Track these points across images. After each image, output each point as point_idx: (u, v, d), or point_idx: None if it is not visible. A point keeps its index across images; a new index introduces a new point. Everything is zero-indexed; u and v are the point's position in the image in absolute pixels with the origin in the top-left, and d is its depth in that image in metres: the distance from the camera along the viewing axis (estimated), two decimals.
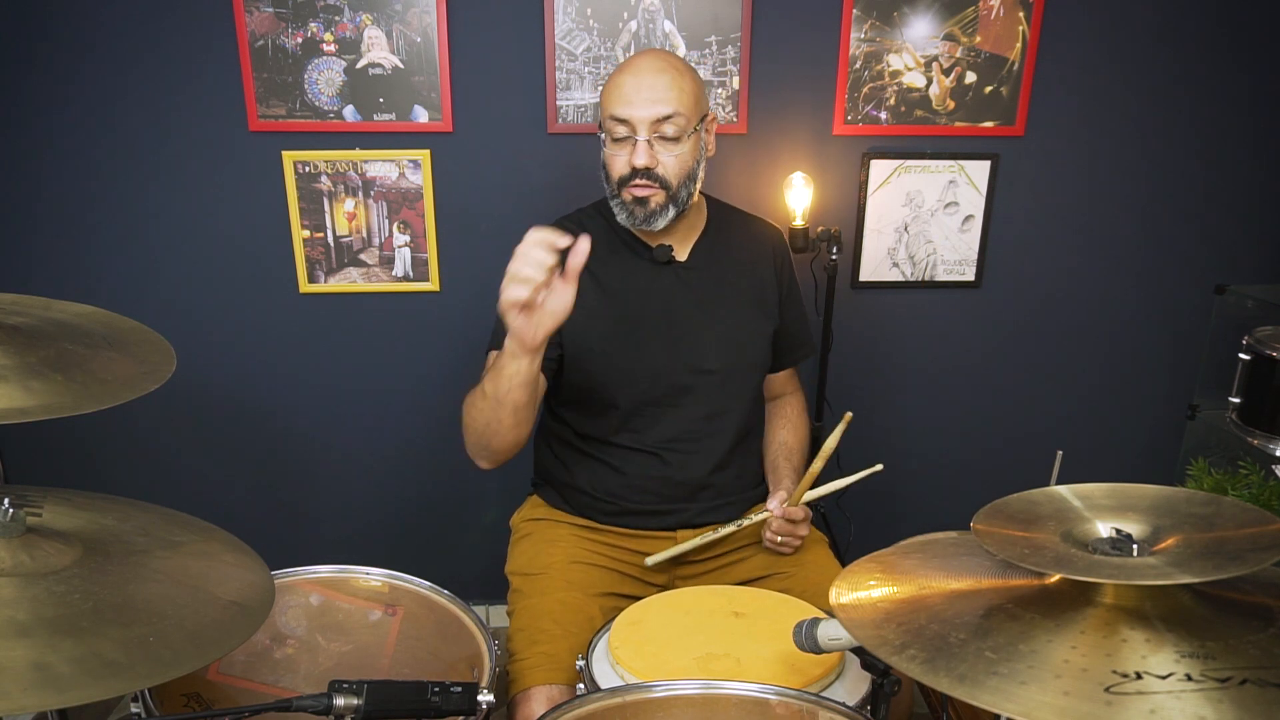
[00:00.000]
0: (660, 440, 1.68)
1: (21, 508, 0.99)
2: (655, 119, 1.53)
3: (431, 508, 2.48)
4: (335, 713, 1.03)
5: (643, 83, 1.54)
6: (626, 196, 1.59)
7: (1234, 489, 1.98)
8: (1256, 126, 2.34)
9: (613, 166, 1.59)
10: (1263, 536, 0.88)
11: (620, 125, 1.55)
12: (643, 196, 1.57)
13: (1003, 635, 0.86)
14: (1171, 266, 2.43)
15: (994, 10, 2.18)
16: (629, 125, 1.55)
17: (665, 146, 1.55)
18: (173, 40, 2.07)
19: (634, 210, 1.59)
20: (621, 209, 1.61)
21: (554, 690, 1.45)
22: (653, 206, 1.58)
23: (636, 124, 1.54)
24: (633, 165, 1.55)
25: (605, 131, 1.59)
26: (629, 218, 1.61)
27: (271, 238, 2.22)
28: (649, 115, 1.53)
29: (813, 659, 1.25)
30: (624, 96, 1.54)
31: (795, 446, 1.81)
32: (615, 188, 1.60)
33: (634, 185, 1.57)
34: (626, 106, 1.54)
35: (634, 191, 1.57)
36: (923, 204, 2.31)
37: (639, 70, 1.55)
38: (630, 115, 1.54)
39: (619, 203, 1.61)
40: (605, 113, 1.57)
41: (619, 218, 1.62)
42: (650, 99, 1.53)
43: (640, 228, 1.62)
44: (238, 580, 1.06)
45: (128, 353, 1.13)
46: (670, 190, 1.58)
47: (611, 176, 1.60)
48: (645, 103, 1.53)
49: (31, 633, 0.83)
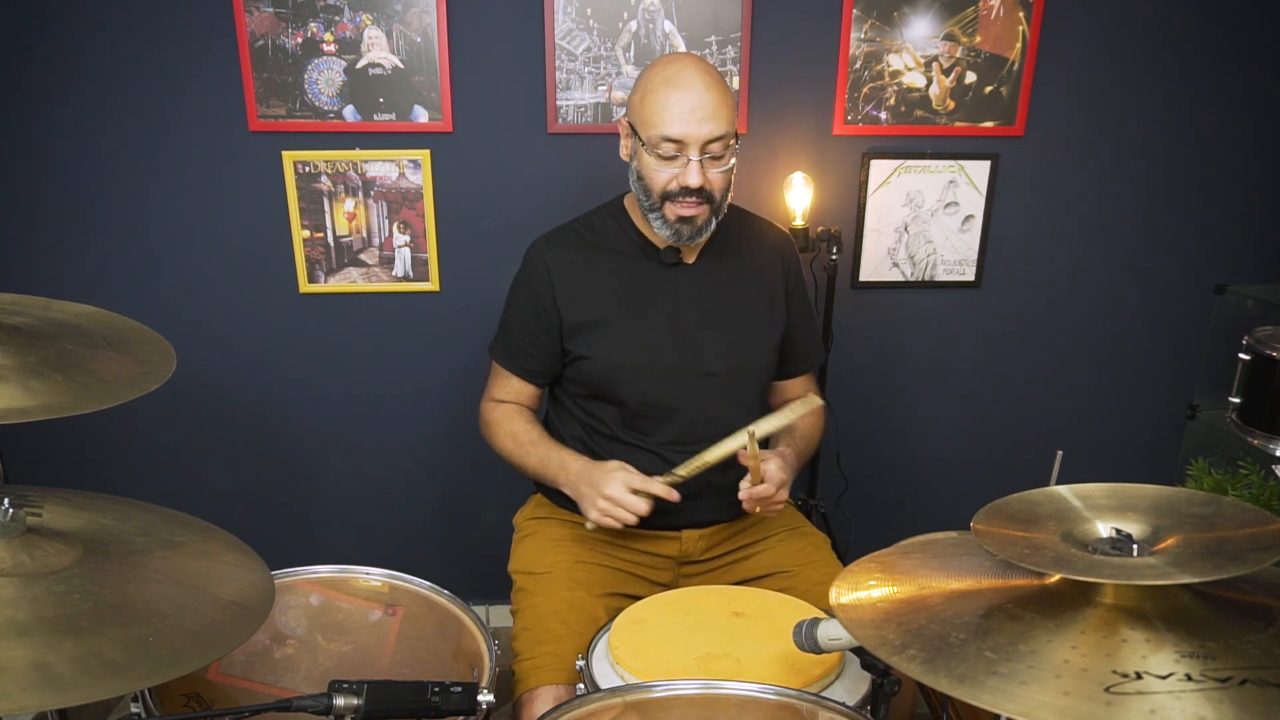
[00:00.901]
0: (664, 441, 1.68)
1: (21, 508, 0.99)
2: (709, 139, 1.52)
3: (431, 508, 2.48)
4: (335, 713, 1.03)
5: (696, 102, 1.50)
6: (670, 214, 1.58)
7: (1234, 489, 1.98)
8: (1256, 126, 2.34)
9: (655, 180, 1.57)
10: (1263, 536, 0.88)
11: (671, 144, 1.53)
12: (690, 215, 1.57)
13: (1003, 635, 0.86)
14: (1171, 266, 2.43)
15: (994, 10, 2.18)
16: (682, 145, 1.53)
17: (713, 164, 1.55)
18: (173, 40, 2.07)
19: (679, 229, 1.59)
20: (664, 225, 1.60)
21: (560, 690, 1.45)
22: (699, 224, 1.59)
23: (690, 146, 1.52)
24: (685, 184, 1.54)
25: (647, 145, 1.55)
26: (673, 234, 1.60)
27: (271, 238, 2.22)
28: (704, 135, 1.51)
29: (813, 659, 1.25)
30: (679, 116, 1.51)
31: (801, 430, 1.77)
32: (658, 201, 1.58)
33: (681, 203, 1.56)
34: (682, 127, 1.51)
35: (680, 210, 1.56)
36: (923, 204, 2.31)
37: (690, 86, 1.51)
38: (685, 136, 1.51)
39: (659, 217, 1.59)
40: (653, 129, 1.53)
41: (659, 231, 1.62)
42: (703, 118, 1.51)
43: (683, 243, 1.62)
44: (238, 580, 1.06)
45: (128, 353, 1.13)
46: (714, 205, 1.58)
47: (653, 190, 1.57)
48: (699, 123, 1.51)
49: (31, 633, 0.84)
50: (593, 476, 1.58)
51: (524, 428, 1.72)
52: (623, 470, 1.55)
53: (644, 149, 1.56)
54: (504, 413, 1.75)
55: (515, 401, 1.76)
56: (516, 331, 1.72)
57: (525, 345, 1.71)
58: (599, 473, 1.58)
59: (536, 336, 1.69)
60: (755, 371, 1.73)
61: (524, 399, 1.76)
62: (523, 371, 1.73)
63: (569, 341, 1.67)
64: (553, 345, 1.69)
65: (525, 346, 1.71)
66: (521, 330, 1.71)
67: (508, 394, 1.76)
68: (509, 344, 1.74)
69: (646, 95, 1.55)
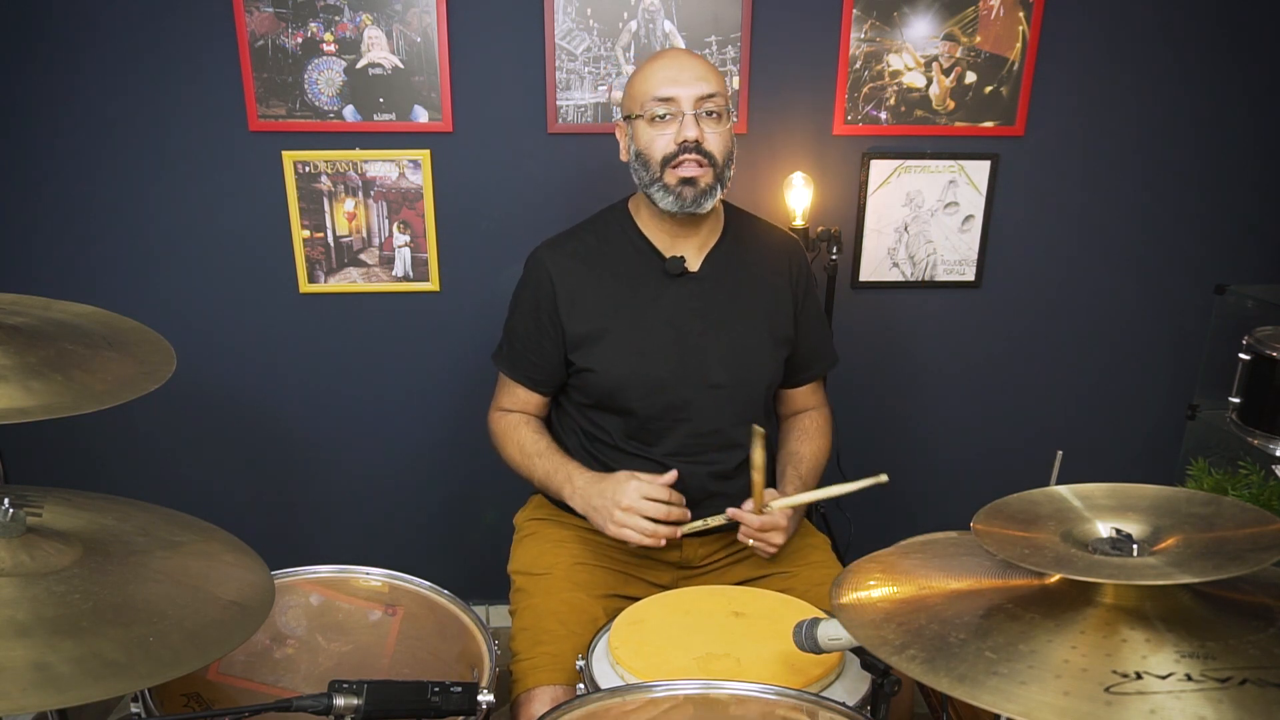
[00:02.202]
0: (666, 451, 1.66)
1: (21, 508, 0.99)
2: (700, 95, 1.55)
3: (431, 508, 2.48)
4: (335, 713, 1.03)
5: (683, 63, 1.57)
6: (671, 179, 1.56)
7: (1234, 489, 1.98)
8: (1256, 126, 2.33)
9: (655, 148, 1.57)
10: (1263, 536, 0.88)
11: (663, 104, 1.55)
12: (692, 176, 1.55)
13: (1003, 635, 0.86)
14: (1171, 266, 2.43)
15: (994, 10, 2.18)
16: (674, 103, 1.55)
17: (710, 124, 1.56)
18: (173, 40, 2.07)
19: (681, 192, 1.56)
20: (665, 193, 1.57)
21: (558, 690, 1.45)
22: (702, 186, 1.57)
23: (682, 101, 1.55)
24: (683, 139, 1.54)
25: (643, 115, 1.57)
26: (676, 200, 1.57)
27: (271, 238, 2.22)
28: (695, 92, 1.54)
29: (813, 659, 1.25)
30: (668, 77, 1.56)
31: (806, 455, 1.75)
32: (659, 169, 1.57)
33: (682, 164, 1.55)
34: (672, 85, 1.55)
35: (682, 171, 1.55)
36: (923, 204, 2.31)
37: (675, 55, 1.60)
38: (676, 93, 1.54)
39: (661, 186, 1.57)
40: (645, 95, 1.56)
41: (662, 203, 1.59)
42: (694, 77, 1.55)
43: (688, 210, 1.58)
44: (238, 580, 1.06)
45: (128, 353, 1.13)
46: (717, 168, 1.57)
47: (653, 160, 1.57)
48: (690, 80, 1.55)
49: (31, 633, 0.84)
50: (604, 488, 1.57)
51: (531, 438, 1.71)
52: (634, 479, 1.55)
53: (640, 121, 1.58)
54: (511, 423, 1.74)
55: (522, 410, 1.75)
56: (520, 341, 1.71)
57: (529, 354, 1.70)
58: (610, 484, 1.57)
59: (541, 345, 1.68)
60: (760, 382, 1.71)
61: (530, 408, 1.75)
62: (528, 380, 1.72)
63: (573, 353, 1.66)
64: (557, 355, 1.68)
65: (529, 356, 1.70)
66: (525, 340, 1.70)
67: (514, 403, 1.75)
68: (513, 353, 1.73)
69: (634, 77, 1.61)
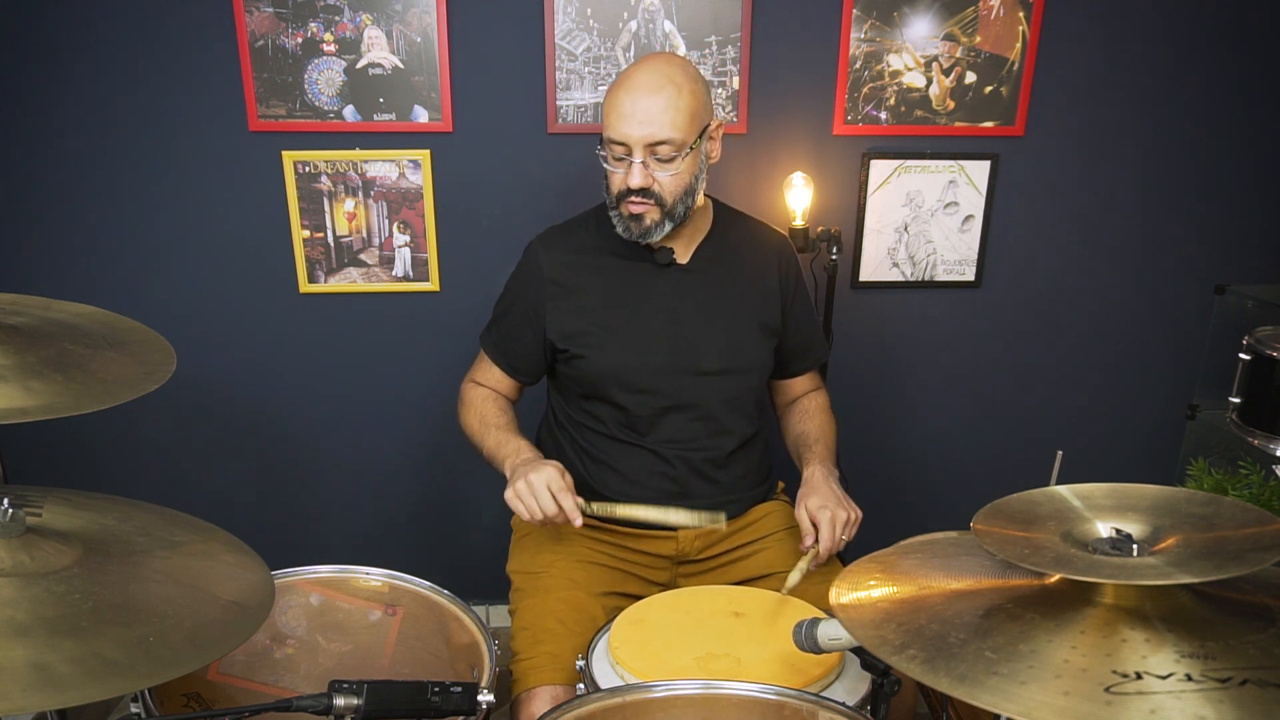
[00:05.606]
0: (660, 440, 1.69)
1: (21, 508, 0.99)
2: (650, 143, 1.54)
3: (431, 508, 2.48)
4: (335, 713, 1.03)
5: (638, 105, 1.53)
6: (624, 211, 1.61)
7: (1234, 489, 1.98)
8: (1256, 126, 2.33)
9: (612, 181, 1.61)
10: (1263, 536, 0.88)
11: (617, 146, 1.57)
12: (638, 214, 1.60)
13: (1003, 635, 0.86)
14: (1171, 266, 2.43)
15: (994, 10, 2.18)
16: (625, 147, 1.56)
17: (661, 166, 1.56)
18: (173, 40, 2.07)
19: (630, 225, 1.62)
20: (620, 222, 1.63)
21: (558, 690, 1.45)
22: (648, 223, 1.61)
23: (632, 147, 1.55)
24: (626, 186, 1.57)
25: (603, 145, 1.60)
26: (625, 231, 1.63)
27: (271, 238, 2.22)
28: (644, 137, 1.54)
29: (813, 659, 1.25)
30: (621, 117, 1.54)
31: (811, 430, 1.79)
32: (614, 201, 1.62)
33: (630, 202, 1.59)
34: (624, 125, 1.54)
35: (630, 208, 1.60)
36: (923, 204, 2.31)
37: (635, 88, 1.54)
38: (627, 137, 1.54)
39: (617, 215, 1.63)
40: (606, 127, 1.58)
41: (618, 229, 1.65)
42: (644, 121, 1.53)
43: (637, 240, 1.64)
44: (238, 580, 1.06)
45: (128, 353, 1.13)
46: (665, 207, 1.59)
47: (610, 190, 1.62)
48: (639, 125, 1.53)
49: (31, 633, 0.83)
50: (530, 462, 1.58)
51: (494, 411, 1.74)
52: (554, 469, 1.54)
53: (601, 151, 1.61)
54: (479, 395, 1.78)
55: (494, 389, 1.78)
56: (505, 327, 1.76)
57: (511, 341, 1.75)
58: (537, 463, 1.58)
59: (523, 335, 1.73)
60: (751, 370, 1.74)
61: (502, 389, 1.79)
62: (506, 366, 1.76)
63: (565, 341, 1.68)
64: (537, 346, 1.72)
65: (511, 343, 1.75)
66: (509, 327, 1.75)
67: (488, 380, 1.79)
68: (498, 336, 1.77)
69: (606, 97, 1.60)
